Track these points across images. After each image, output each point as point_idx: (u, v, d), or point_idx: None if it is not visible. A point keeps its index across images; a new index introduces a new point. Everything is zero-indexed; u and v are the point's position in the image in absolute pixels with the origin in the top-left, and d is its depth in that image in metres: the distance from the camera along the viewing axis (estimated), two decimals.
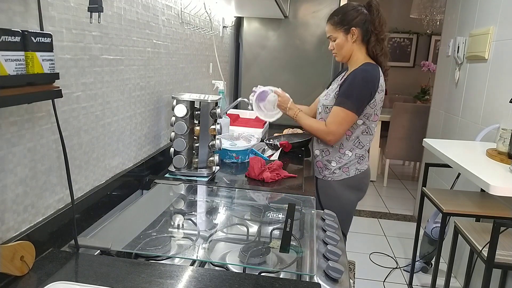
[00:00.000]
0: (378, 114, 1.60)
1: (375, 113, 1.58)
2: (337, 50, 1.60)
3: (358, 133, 1.60)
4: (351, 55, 1.60)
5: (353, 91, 1.52)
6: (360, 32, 1.55)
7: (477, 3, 2.46)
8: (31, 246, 0.76)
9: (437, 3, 4.27)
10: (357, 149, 1.63)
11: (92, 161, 1.03)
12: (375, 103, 1.55)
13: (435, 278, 1.97)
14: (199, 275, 0.77)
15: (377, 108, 1.57)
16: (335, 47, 1.60)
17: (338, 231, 1.06)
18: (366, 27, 1.55)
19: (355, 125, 1.58)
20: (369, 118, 1.57)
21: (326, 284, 0.81)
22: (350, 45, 1.57)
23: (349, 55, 1.60)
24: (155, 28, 1.36)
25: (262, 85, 1.76)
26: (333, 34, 1.59)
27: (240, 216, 1.17)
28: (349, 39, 1.56)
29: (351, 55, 1.60)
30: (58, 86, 0.77)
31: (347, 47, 1.58)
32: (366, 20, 1.54)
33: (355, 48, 1.58)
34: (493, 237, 1.44)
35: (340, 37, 1.57)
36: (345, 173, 1.65)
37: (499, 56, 2.13)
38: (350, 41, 1.57)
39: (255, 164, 1.41)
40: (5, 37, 0.64)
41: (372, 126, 1.61)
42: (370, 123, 1.59)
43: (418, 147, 3.46)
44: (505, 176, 1.45)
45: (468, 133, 2.43)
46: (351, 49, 1.58)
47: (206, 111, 1.35)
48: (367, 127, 1.60)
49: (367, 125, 1.59)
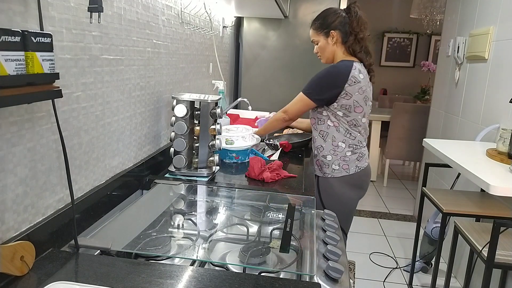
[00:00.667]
0: (363, 105, 1.64)
1: (356, 104, 1.62)
2: (321, 52, 1.73)
3: (345, 125, 1.65)
4: (334, 56, 1.71)
5: (312, 79, 1.66)
6: (339, 34, 1.66)
7: (477, 3, 2.46)
8: (31, 246, 0.76)
9: (437, 3, 4.27)
10: (349, 140, 1.67)
11: (92, 161, 1.03)
12: (348, 94, 1.60)
13: (435, 278, 1.97)
14: (199, 275, 0.77)
15: (357, 99, 1.61)
16: (318, 50, 1.73)
17: (338, 231, 1.06)
18: (345, 29, 1.65)
19: (338, 116, 1.65)
20: (349, 109, 1.62)
21: (326, 284, 0.81)
22: (331, 47, 1.69)
23: (332, 56, 1.71)
24: (155, 28, 1.36)
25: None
26: (315, 38, 1.71)
27: (240, 216, 1.17)
28: (329, 41, 1.68)
29: (334, 56, 1.71)
30: (58, 86, 0.77)
31: (329, 49, 1.70)
32: (344, 23, 1.65)
33: (336, 49, 1.69)
34: (493, 237, 1.44)
35: (321, 40, 1.69)
36: (345, 170, 1.67)
37: (499, 56, 2.13)
38: (330, 43, 1.68)
39: (255, 164, 1.41)
40: (5, 37, 0.64)
41: (359, 118, 1.65)
42: (356, 115, 1.64)
43: (418, 147, 3.46)
44: (505, 176, 1.45)
45: (468, 133, 2.43)
46: (333, 50, 1.69)
47: (206, 111, 1.35)
48: (353, 119, 1.65)
49: (351, 117, 1.64)
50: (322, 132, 1.69)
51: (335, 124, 1.66)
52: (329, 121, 1.67)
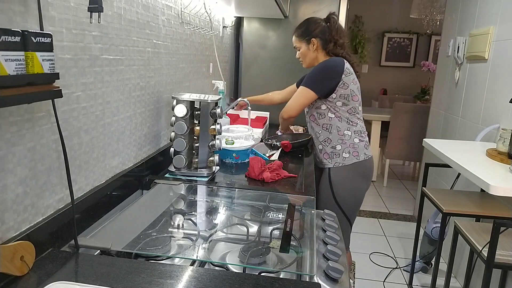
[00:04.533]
0: (358, 94, 1.75)
1: (353, 93, 1.73)
2: (302, 58, 1.86)
3: (346, 114, 1.74)
4: (315, 61, 1.82)
5: (311, 74, 1.75)
6: (319, 41, 1.79)
7: (477, 3, 2.46)
8: (31, 246, 0.76)
9: (437, 3, 4.27)
10: (353, 127, 1.76)
11: (92, 161, 1.03)
12: (345, 84, 1.70)
13: (435, 278, 1.97)
14: (199, 275, 0.77)
15: (352, 88, 1.72)
16: (300, 55, 1.85)
17: (338, 231, 1.06)
18: (325, 36, 1.78)
19: (337, 107, 1.73)
20: (347, 98, 1.72)
21: (326, 284, 0.81)
22: (312, 53, 1.81)
23: (313, 62, 1.83)
24: (155, 28, 1.36)
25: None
26: (298, 44, 1.84)
27: (240, 216, 1.17)
28: (310, 48, 1.80)
29: (316, 61, 1.82)
30: (58, 86, 0.77)
31: (310, 55, 1.82)
32: (324, 31, 1.78)
33: (318, 55, 1.82)
34: (493, 237, 1.44)
35: (303, 47, 1.82)
36: (355, 157, 1.75)
37: (499, 56, 2.13)
38: (311, 50, 1.80)
39: (255, 164, 1.41)
40: (5, 37, 0.64)
41: (356, 106, 1.75)
42: (354, 103, 1.74)
43: (418, 147, 3.46)
44: (505, 176, 1.45)
45: (468, 133, 2.43)
46: (314, 56, 1.82)
47: (206, 111, 1.35)
48: (352, 107, 1.74)
49: (350, 105, 1.74)
50: (325, 125, 1.77)
51: (336, 114, 1.74)
52: (330, 113, 1.75)
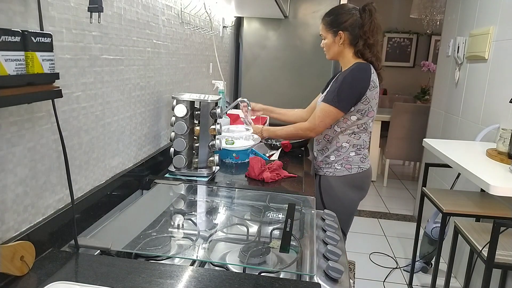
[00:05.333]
0: (375, 109, 1.61)
1: (370, 109, 1.59)
2: (326, 49, 1.67)
3: (353, 128, 1.62)
4: (340, 55, 1.65)
5: (340, 88, 1.55)
6: (348, 36, 1.59)
7: (477, 3, 2.46)
8: (31, 246, 0.76)
9: (437, 3, 4.27)
10: (353, 140, 1.64)
11: (92, 161, 1.03)
12: (367, 99, 1.56)
13: (435, 278, 1.97)
14: (199, 275, 0.77)
15: (372, 104, 1.58)
16: (325, 46, 1.67)
17: (338, 231, 1.06)
18: (355, 32, 1.58)
19: (349, 121, 1.60)
20: (363, 113, 1.59)
21: (326, 284, 0.81)
22: (338, 47, 1.62)
23: (338, 55, 1.65)
24: (155, 28, 1.36)
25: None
26: (324, 33, 1.65)
27: (240, 216, 1.17)
28: (336, 41, 1.61)
29: (341, 55, 1.64)
30: (58, 86, 0.77)
31: (335, 48, 1.63)
32: (355, 25, 1.57)
33: (344, 50, 1.62)
34: (493, 237, 1.44)
35: (329, 38, 1.63)
36: (347, 169, 1.65)
37: (499, 56, 2.13)
38: (337, 43, 1.61)
39: (255, 164, 1.41)
40: (5, 37, 0.64)
41: (369, 122, 1.63)
42: (367, 119, 1.61)
43: (418, 147, 3.46)
44: (505, 176, 1.44)
45: (468, 133, 2.43)
46: (339, 50, 1.63)
47: (206, 111, 1.35)
48: (364, 123, 1.62)
49: (363, 120, 1.61)
50: (327, 136, 1.67)
51: (342, 129, 1.62)
52: (336, 127, 1.63)
